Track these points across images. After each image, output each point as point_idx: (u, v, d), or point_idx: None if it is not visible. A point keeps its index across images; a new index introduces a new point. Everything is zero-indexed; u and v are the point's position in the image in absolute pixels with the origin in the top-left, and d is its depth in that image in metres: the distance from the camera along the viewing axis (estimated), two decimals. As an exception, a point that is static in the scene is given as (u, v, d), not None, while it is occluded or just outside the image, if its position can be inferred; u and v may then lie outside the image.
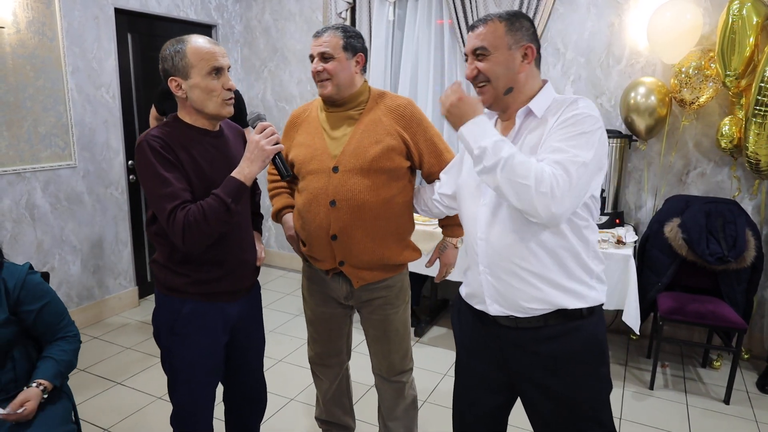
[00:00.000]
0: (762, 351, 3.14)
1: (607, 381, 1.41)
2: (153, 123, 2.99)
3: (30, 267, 1.70)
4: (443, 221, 1.96)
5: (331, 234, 1.75)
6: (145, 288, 3.98)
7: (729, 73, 2.74)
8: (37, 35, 3.10)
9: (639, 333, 2.85)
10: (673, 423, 2.56)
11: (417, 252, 1.91)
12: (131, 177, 3.75)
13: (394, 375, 1.99)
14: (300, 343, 3.30)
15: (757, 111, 2.60)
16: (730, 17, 2.67)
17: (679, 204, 2.99)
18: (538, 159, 1.24)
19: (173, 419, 1.71)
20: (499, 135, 1.24)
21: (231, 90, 1.55)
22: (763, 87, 2.55)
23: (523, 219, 1.29)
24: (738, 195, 3.12)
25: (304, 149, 1.80)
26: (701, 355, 3.17)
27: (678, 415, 2.62)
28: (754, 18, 2.63)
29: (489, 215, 1.36)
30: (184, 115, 1.57)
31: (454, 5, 3.52)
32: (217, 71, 1.51)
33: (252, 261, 1.73)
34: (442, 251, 2.01)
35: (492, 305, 1.39)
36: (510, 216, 1.32)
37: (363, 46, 1.77)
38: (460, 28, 3.54)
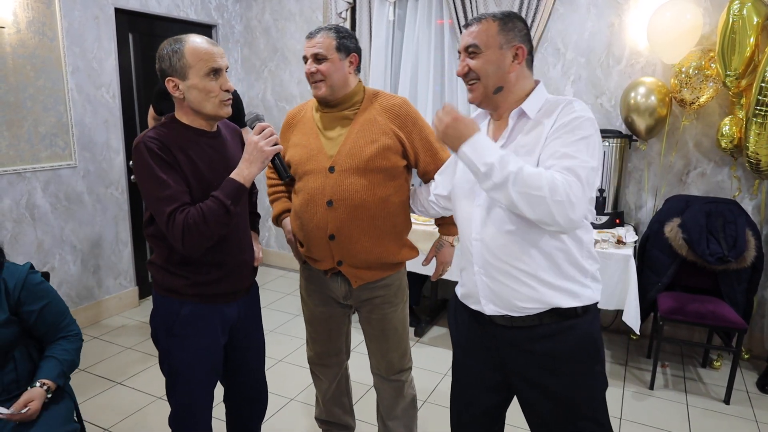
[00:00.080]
0: (762, 351, 3.14)
1: (603, 379, 1.42)
2: (151, 123, 2.98)
3: (31, 267, 1.69)
4: (439, 220, 1.96)
5: (329, 234, 1.75)
6: (146, 288, 3.97)
7: (729, 73, 2.74)
8: (38, 35, 3.10)
9: (639, 333, 2.85)
10: (673, 423, 2.55)
11: (414, 250, 1.92)
12: (131, 177, 3.75)
13: (393, 374, 1.99)
14: (300, 343, 3.30)
15: (758, 111, 2.59)
16: (730, 17, 2.66)
17: (680, 204, 2.99)
18: (545, 166, 1.24)
19: (172, 420, 1.70)
20: (501, 150, 1.25)
21: (229, 91, 1.53)
22: (764, 87, 2.54)
23: (518, 220, 1.30)
24: (738, 195, 3.11)
25: (300, 150, 1.80)
26: (701, 355, 3.16)
27: (678, 415, 2.62)
28: (754, 18, 2.62)
29: (483, 216, 1.37)
30: (181, 116, 1.56)
31: (454, 5, 3.52)
32: (216, 72, 1.49)
33: (250, 261, 1.73)
34: (438, 249, 2.01)
35: (487, 305, 1.39)
36: (504, 217, 1.32)
37: (356, 46, 1.77)
38: (460, 28, 3.54)
